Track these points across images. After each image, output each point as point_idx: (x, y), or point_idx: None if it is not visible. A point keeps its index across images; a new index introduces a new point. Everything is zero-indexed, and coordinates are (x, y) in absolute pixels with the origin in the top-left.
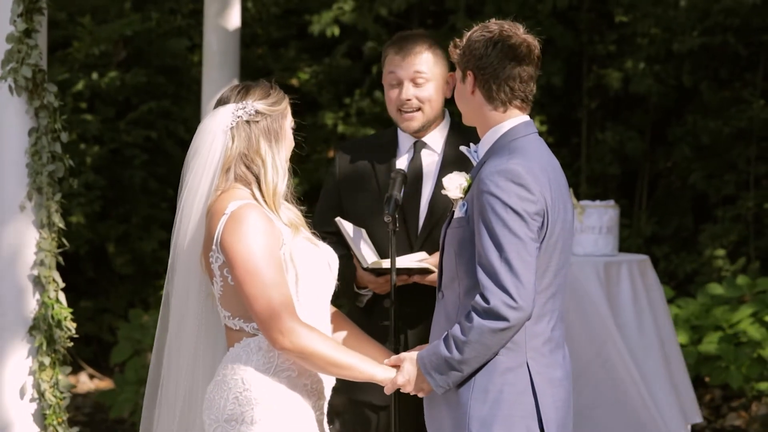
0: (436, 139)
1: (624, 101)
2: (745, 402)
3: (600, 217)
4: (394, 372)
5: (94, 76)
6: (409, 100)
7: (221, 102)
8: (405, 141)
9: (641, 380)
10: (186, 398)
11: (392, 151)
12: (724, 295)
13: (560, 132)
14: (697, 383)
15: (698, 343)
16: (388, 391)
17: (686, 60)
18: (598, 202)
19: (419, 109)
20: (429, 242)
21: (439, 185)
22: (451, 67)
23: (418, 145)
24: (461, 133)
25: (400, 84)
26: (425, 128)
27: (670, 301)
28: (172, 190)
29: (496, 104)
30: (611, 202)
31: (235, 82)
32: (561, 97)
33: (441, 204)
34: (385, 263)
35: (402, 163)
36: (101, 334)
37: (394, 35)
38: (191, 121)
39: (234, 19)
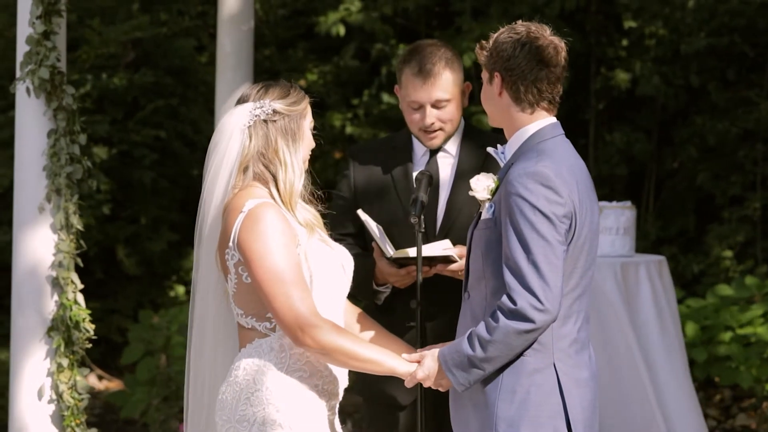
0: (452, 143)
1: (631, 102)
2: (755, 402)
3: (617, 218)
4: (415, 366)
5: (103, 77)
6: (432, 123)
7: (241, 100)
8: (420, 144)
9: (651, 386)
10: (210, 396)
11: (407, 155)
12: (733, 295)
13: (568, 133)
14: (707, 383)
15: (708, 344)
16: (409, 384)
17: (693, 61)
18: (615, 203)
19: (441, 128)
20: None
21: (454, 188)
22: (467, 75)
23: (434, 149)
24: (476, 137)
25: (420, 108)
26: (445, 142)
27: (679, 301)
28: (180, 191)
29: (523, 106)
30: (628, 203)
31: (249, 83)
32: (568, 98)
33: (457, 207)
34: (410, 252)
35: (418, 166)
36: (110, 335)
37: (410, 46)
38: (199, 122)
39: (247, 20)
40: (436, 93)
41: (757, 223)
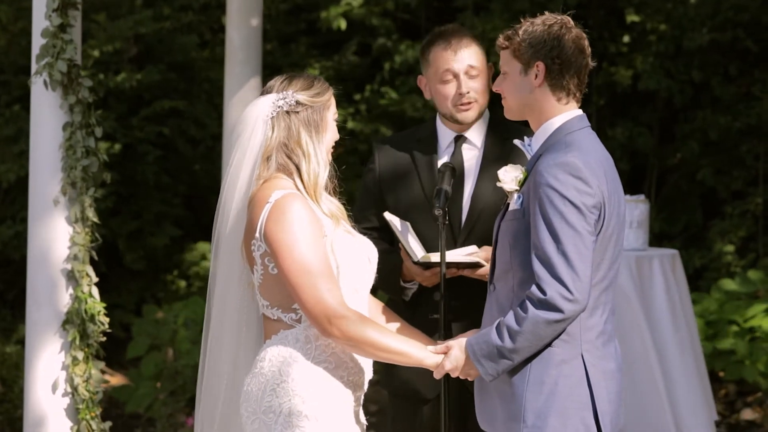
0: (477, 134)
1: (633, 97)
2: (760, 397)
3: (631, 212)
4: (442, 357)
5: (109, 73)
6: (468, 92)
7: (264, 92)
8: (445, 136)
9: (663, 380)
10: (228, 388)
11: (432, 146)
12: (737, 290)
13: None
14: (712, 378)
15: (713, 339)
16: (437, 376)
17: (696, 56)
18: (628, 197)
19: (476, 100)
20: (472, 237)
21: (480, 180)
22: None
23: (459, 141)
24: (500, 128)
25: (455, 78)
26: (476, 119)
27: None
28: (183, 186)
29: (561, 95)
30: (642, 197)
31: (257, 78)
32: None
33: (482, 199)
34: (435, 257)
35: (443, 158)
36: (112, 330)
37: (430, 33)
38: (203, 118)
39: (256, 14)
40: (468, 59)
41: (759, 218)
